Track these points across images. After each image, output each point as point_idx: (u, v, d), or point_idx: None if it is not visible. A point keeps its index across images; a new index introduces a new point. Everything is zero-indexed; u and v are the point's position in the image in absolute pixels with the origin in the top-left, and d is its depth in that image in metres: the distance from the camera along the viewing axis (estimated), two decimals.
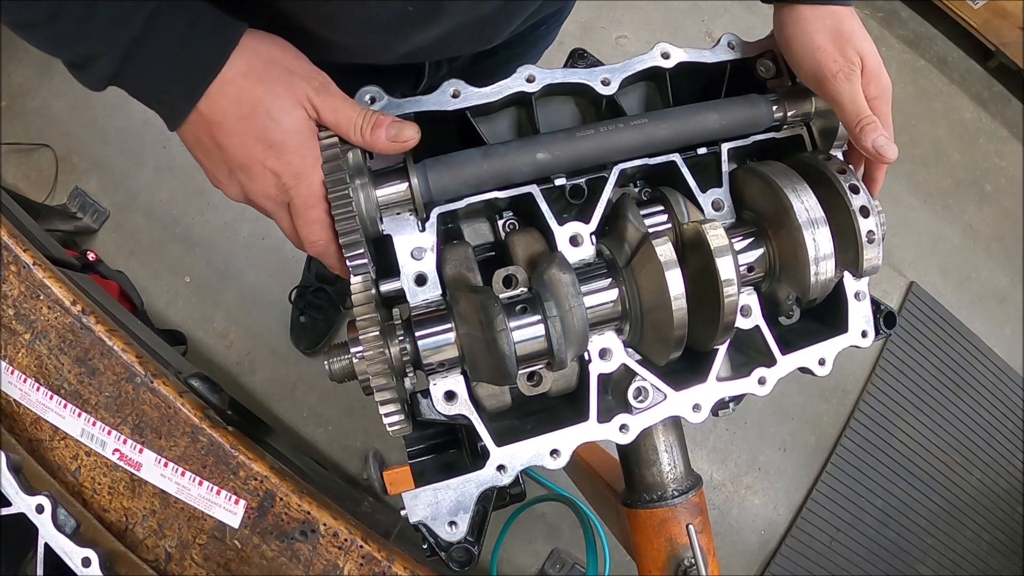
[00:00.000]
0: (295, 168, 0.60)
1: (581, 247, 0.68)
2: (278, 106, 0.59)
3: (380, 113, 0.62)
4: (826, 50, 0.69)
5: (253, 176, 0.61)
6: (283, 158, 0.59)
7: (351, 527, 0.84)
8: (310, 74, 0.62)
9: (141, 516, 0.85)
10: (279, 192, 0.61)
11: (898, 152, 0.67)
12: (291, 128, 0.59)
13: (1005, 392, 2.61)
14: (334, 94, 0.62)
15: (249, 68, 0.58)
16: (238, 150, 0.60)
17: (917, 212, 2.72)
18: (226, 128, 0.59)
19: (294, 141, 0.59)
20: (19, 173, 2.28)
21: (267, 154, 0.59)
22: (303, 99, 0.60)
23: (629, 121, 0.70)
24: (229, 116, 0.58)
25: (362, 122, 0.61)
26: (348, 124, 0.61)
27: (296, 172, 0.60)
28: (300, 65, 0.62)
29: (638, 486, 0.77)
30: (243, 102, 0.58)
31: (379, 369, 0.59)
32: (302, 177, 0.60)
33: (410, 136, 0.62)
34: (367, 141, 0.61)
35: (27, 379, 0.87)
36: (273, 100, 0.59)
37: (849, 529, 2.38)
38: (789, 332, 0.76)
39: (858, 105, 0.67)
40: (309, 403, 2.17)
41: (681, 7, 2.72)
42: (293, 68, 0.61)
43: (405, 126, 0.62)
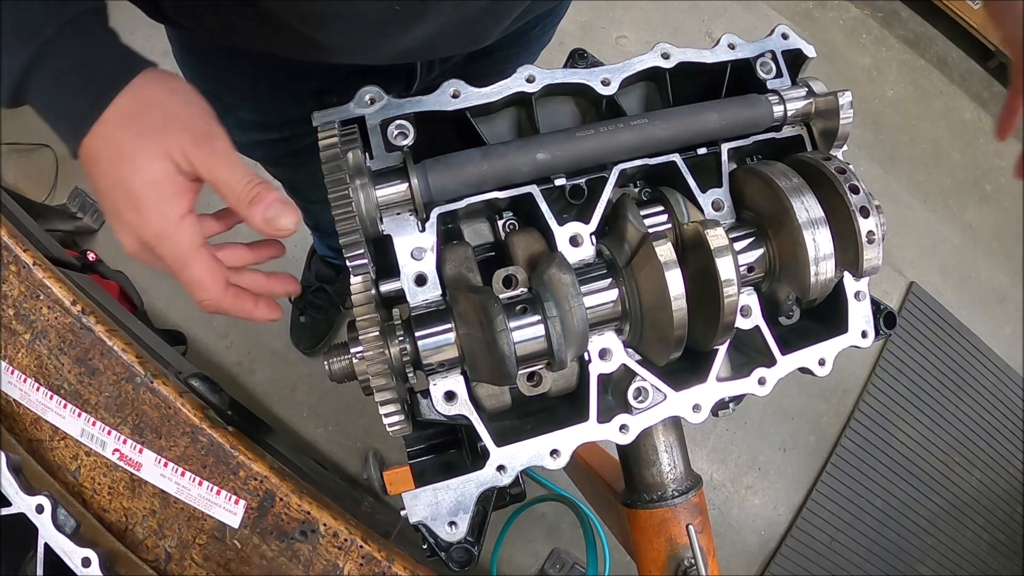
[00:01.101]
0: (154, 227, 0.55)
1: (581, 247, 0.68)
2: (140, 154, 0.54)
3: (265, 185, 0.56)
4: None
5: (120, 227, 0.57)
6: (142, 214, 0.55)
7: (351, 527, 0.84)
8: (192, 121, 0.56)
9: (141, 516, 0.85)
10: (146, 249, 0.57)
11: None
12: (150, 180, 0.54)
13: (1005, 392, 2.61)
14: (216, 150, 0.56)
15: (127, 110, 0.54)
16: (107, 194, 0.56)
17: (917, 212, 2.72)
18: (100, 169, 0.55)
19: (152, 196, 0.54)
20: (19, 173, 2.28)
21: (128, 206, 0.55)
22: (173, 150, 0.54)
23: (629, 121, 0.70)
24: (102, 157, 0.55)
25: (241, 190, 0.55)
26: (225, 187, 0.56)
27: (156, 232, 0.55)
28: (184, 111, 0.56)
29: (638, 486, 0.77)
30: (111, 145, 0.54)
31: (379, 369, 0.59)
32: (163, 237, 0.55)
33: (287, 226, 0.56)
34: (243, 213, 0.56)
35: (27, 379, 0.87)
36: (136, 145, 0.54)
37: (849, 529, 2.39)
38: (789, 332, 0.76)
39: None
40: (309, 403, 2.17)
41: (681, 7, 2.72)
42: (174, 115, 0.56)
43: (284, 211, 0.55)
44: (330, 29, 0.68)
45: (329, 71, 0.78)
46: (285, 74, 0.87)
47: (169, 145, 0.54)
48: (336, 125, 0.64)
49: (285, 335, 2.18)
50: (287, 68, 0.80)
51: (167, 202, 0.55)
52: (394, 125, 0.67)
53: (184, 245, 0.56)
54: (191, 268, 0.57)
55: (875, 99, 2.77)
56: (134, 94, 0.55)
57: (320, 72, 0.79)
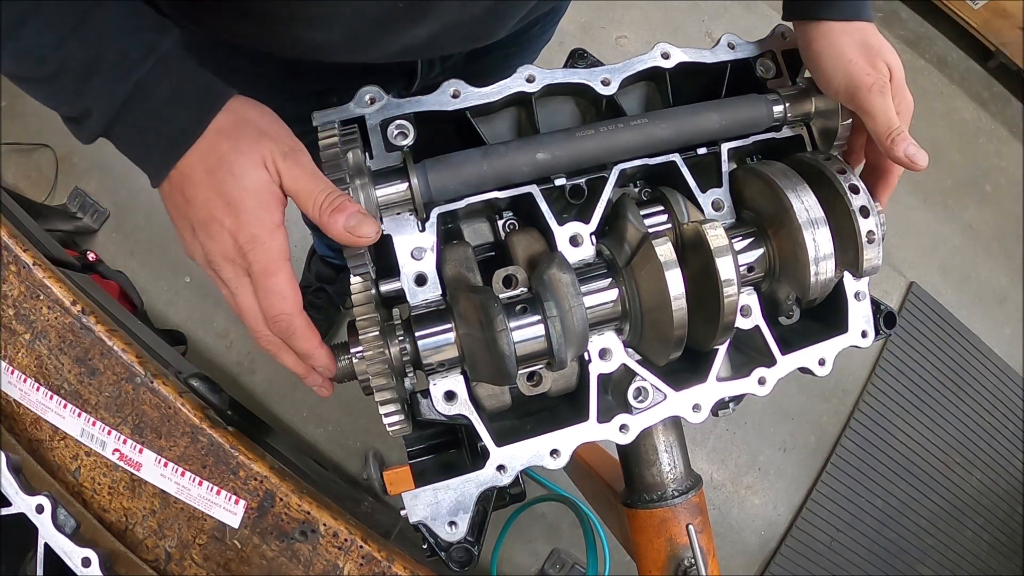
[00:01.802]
0: (251, 230, 0.57)
1: (581, 247, 0.68)
2: (240, 163, 0.57)
3: (347, 197, 0.59)
4: (858, 63, 0.70)
5: (212, 234, 0.58)
6: (240, 218, 0.57)
7: (351, 527, 0.84)
8: (281, 137, 0.60)
9: (141, 516, 0.85)
10: (236, 254, 0.58)
11: None
12: (251, 187, 0.57)
13: (1005, 392, 2.61)
14: (302, 163, 0.59)
15: (222, 125, 0.58)
16: (200, 205, 0.58)
17: (917, 212, 2.72)
18: (193, 181, 0.58)
19: (252, 201, 0.57)
20: (19, 173, 2.28)
21: (225, 212, 0.57)
22: (267, 159, 0.58)
23: (629, 121, 0.70)
24: (197, 170, 0.57)
25: (323, 200, 0.58)
26: (308, 197, 0.58)
27: (252, 235, 0.57)
28: (274, 128, 0.60)
29: (638, 486, 0.77)
30: (210, 156, 0.57)
31: (379, 369, 0.59)
32: (258, 241, 0.57)
33: (368, 233, 0.58)
34: (323, 222, 0.58)
35: (27, 379, 0.87)
36: (237, 156, 0.57)
37: (849, 529, 2.38)
38: (789, 332, 0.76)
39: (889, 117, 0.68)
40: (309, 403, 2.17)
41: (681, 7, 2.72)
42: (265, 129, 0.59)
43: (366, 221, 0.58)
44: (333, 28, 0.68)
45: (329, 69, 0.78)
46: (284, 72, 0.87)
47: (264, 155, 0.58)
48: (336, 125, 0.64)
49: None
50: (286, 67, 0.81)
51: (264, 208, 0.57)
52: (394, 125, 0.67)
53: (275, 252, 0.58)
54: (277, 276, 0.58)
55: None
56: (227, 112, 0.58)
57: (319, 70, 0.79)
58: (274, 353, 0.63)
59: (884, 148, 0.69)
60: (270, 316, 0.59)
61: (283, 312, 0.59)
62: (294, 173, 0.58)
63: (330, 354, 0.63)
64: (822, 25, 0.72)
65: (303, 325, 0.60)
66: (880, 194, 0.75)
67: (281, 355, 0.63)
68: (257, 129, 0.59)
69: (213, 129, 0.57)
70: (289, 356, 0.63)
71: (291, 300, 0.59)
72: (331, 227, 0.58)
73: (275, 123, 0.61)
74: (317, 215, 0.58)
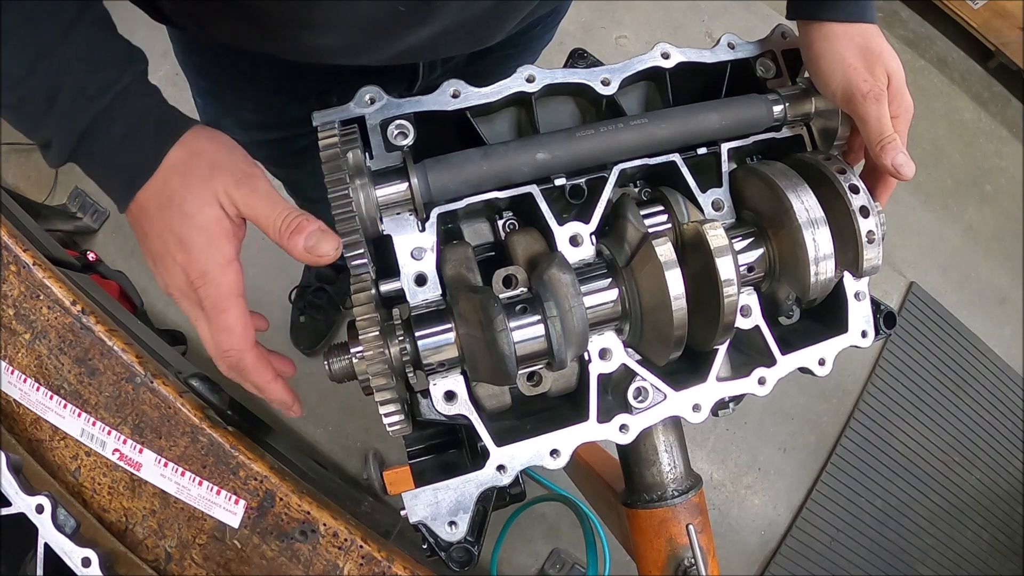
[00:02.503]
0: (200, 267, 0.58)
1: (581, 247, 0.68)
2: (190, 200, 0.58)
3: (305, 217, 0.59)
4: (856, 68, 0.69)
5: (167, 267, 0.60)
6: (191, 255, 0.58)
7: (351, 527, 0.84)
8: (235, 165, 0.60)
9: (141, 516, 0.85)
10: (189, 289, 0.60)
11: None
12: (201, 224, 0.58)
13: (1005, 392, 2.61)
14: (257, 189, 0.59)
15: (175, 161, 0.58)
16: (155, 238, 0.60)
17: (917, 212, 2.72)
18: (149, 216, 0.59)
19: (201, 239, 0.58)
20: (19, 173, 2.28)
21: (177, 248, 0.58)
22: (220, 194, 0.58)
23: (629, 121, 0.70)
24: (151, 205, 0.59)
25: (281, 223, 0.59)
26: (267, 221, 0.59)
27: (202, 271, 0.58)
28: (227, 158, 0.61)
29: (638, 486, 0.77)
30: (162, 193, 0.58)
31: (379, 369, 0.59)
32: (208, 277, 0.58)
33: (328, 251, 0.59)
34: (284, 245, 0.60)
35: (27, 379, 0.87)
36: (186, 194, 0.58)
37: (849, 529, 2.38)
38: (789, 332, 0.76)
39: (882, 125, 0.68)
40: (309, 403, 2.17)
41: (681, 7, 2.71)
42: (217, 161, 0.60)
43: (324, 239, 0.59)
44: (335, 32, 0.69)
45: (330, 71, 0.78)
46: (286, 73, 0.87)
47: (215, 189, 0.58)
48: (336, 125, 0.64)
49: (285, 335, 2.18)
50: (288, 68, 0.81)
51: (214, 245, 0.58)
52: (394, 125, 0.67)
53: (225, 288, 0.59)
54: (227, 313, 0.59)
55: None
56: (182, 147, 0.59)
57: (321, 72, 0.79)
58: (237, 380, 0.64)
59: (874, 155, 0.69)
60: (221, 352, 0.61)
61: (232, 348, 0.60)
62: (250, 201, 0.59)
63: (284, 388, 0.65)
64: (824, 26, 0.72)
65: (253, 360, 0.61)
66: (880, 194, 0.75)
67: (243, 382, 0.64)
68: (209, 163, 0.59)
69: (166, 166, 0.58)
70: (247, 385, 0.65)
71: (239, 337, 0.60)
72: (292, 250, 0.59)
73: (229, 152, 0.61)
74: (278, 239, 0.60)
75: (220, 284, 0.59)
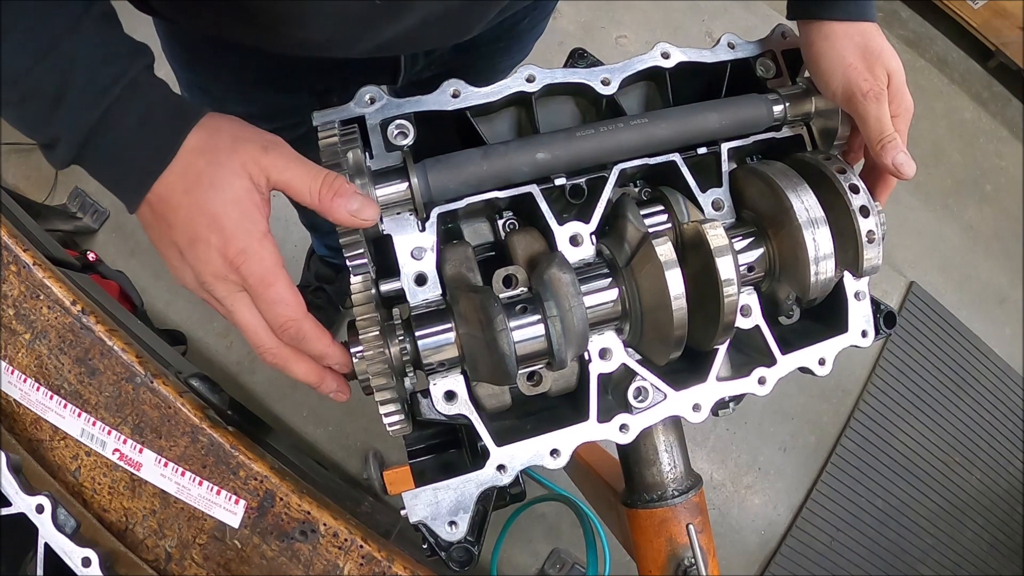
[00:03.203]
0: (239, 243, 0.55)
1: (581, 247, 0.68)
2: (219, 175, 0.56)
3: (344, 179, 0.58)
4: (856, 68, 0.70)
5: (199, 255, 0.57)
6: (226, 232, 0.55)
7: (351, 527, 0.84)
8: (257, 135, 0.59)
9: (141, 516, 0.85)
10: (229, 270, 0.56)
11: None
12: (231, 198, 0.55)
13: (1005, 392, 2.61)
14: (285, 154, 0.58)
15: (196, 143, 0.57)
16: (183, 226, 0.56)
17: (917, 212, 2.72)
18: (173, 204, 0.56)
19: (234, 212, 0.56)
20: (19, 173, 2.28)
21: (210, 229, 0.56)
22: (248, 163, 0.56)
23: (629, 121, 0.70)
24: (176, 191, 0.56)
25: (320, 185, 0.57)
26: (302, 184, 0.57)
27: (241, 248, 0.56)
28: (247, 130, 0.59)
29: (638, 486, 0.77)
30: (188, 175, 0.56)
31: (379, 369, 0.59)
32: (249, 253, 0.56)
33: (372, 216, 0.58)
34: (324, 207, 0.57)
35: (27, 379, 0.87)
36: (215, 169, 0.56)
37: (849, 529, 2.39)
38: (789, 332, 0.76)
39: (883, 124, 0.68)
40: (309, 403, 2.17)
41: (681, 7, 2.72)
42: (238, 134, 0.58)
43: (368, 204, 0.58)
44: (312, 26, 0.68)
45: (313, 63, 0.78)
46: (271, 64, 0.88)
47: (243, 159, 0.56)
48: (336, 125, 0.64)
49: None
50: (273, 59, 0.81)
51: (249, 218, 0.56)
52: (394, 125, 0.67)
53: (269, 260, 0.56)
54: (276, 284, 0.56)
55: None
56: (200, 129, 0.57)
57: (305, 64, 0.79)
58: (282, 366, 0.61)
59: (874, 154, 0.69)
60: (277, 325, 0.58)
61: (290, 319, 0.57)
62: (280, 164, 0.57)
63: (344, 350, 0.62)
64: (824, 25, 0.72)
65: (312, 327, 0.59)
66: (880, 194, 0.75)
67: (290, 366, 0.61)
68: (231, 136, 0.57)
69: (187, 148, 0.56)
70: (299, 365, 0.62)
71: (295, 305, 0.57)
72: (334, 211, 0.57)
73: (246, 126, 0.60)
74: (317, 201, 0.57)
75: (263, 257, 0.56)
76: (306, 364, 0.62)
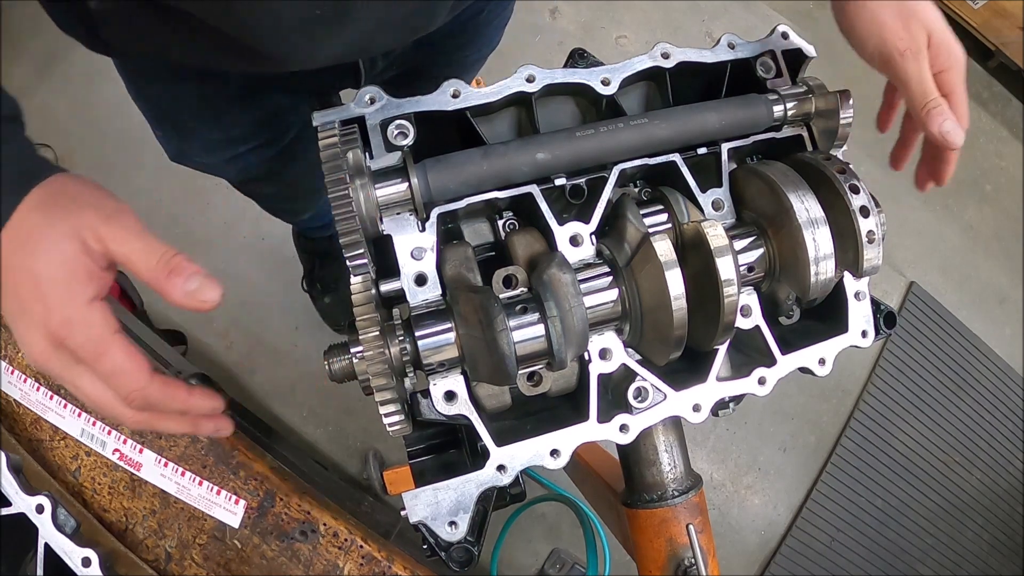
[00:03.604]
0: (63, 313, 0.51)
1: (581, 247, 0.68)
2: (49, 235, 0.51)
3: (184, 256, 0.53)
4: (891, 27, 0.65)
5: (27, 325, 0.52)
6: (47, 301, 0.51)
7: (351, 527, 0.84)
8: (102, 202, 0.54)
9: (141, 516, 0.85)
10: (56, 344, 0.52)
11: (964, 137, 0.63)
12: (58, 259, 0.51)
13: (1005, 392, 2.61)
14: (126, 225, 0.53)
15: (37, 201, 0.53)
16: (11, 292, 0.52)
17: (917, 212, 2.72)
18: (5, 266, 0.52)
19: (59, 276, 0.51)
20: None
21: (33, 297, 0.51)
22: (83, 228, 0.52)
23: (629, 121, 0.70)
24: (8, 251, 0.52)
25: (156, 262, 0.52)
26: (139, 259, 0.53)
27: (65, 317, 0.51)
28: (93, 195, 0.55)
29: (638, 486, 0.77)
30: (20, 232, 0.52)
31: (379, 369, 0.59)
32: (74, 322, 0.51)
33: (212, 298, 0.53)
34: (161, 287, 0.53)
35: (27, 379, 0.87)
36: (46, 229, 0.51)
37: (849, 529, 2.39)
38: (789, 332, 0.76)
39: (925, 87, 0.64)
40: (309, 403, 2.17)
41: (681, 7, 2.72)
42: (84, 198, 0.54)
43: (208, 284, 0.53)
44: (252, 33, 0.65)
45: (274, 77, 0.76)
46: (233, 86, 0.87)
47: (79, 224, 0.52)
48: (336, 125, 0.64)
49: (285, 335, 2.18)
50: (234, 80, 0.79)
51: (75, 283, 0.52)
52: (394, 125, 0.67)
53: (98, 329, 0.52)
54: (109, 354, 0.52)
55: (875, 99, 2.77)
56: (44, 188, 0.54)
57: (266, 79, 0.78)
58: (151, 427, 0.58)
59: (919, 121, 0.64)
60: (122, 397, 0.54)
61: (133, 389, 0.53)
62: (119, 236, 0.53)
63: (207, 394, 0.59)
64: None
65: (160, 389, 0.55)
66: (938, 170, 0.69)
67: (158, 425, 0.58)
68: (74, 198, 0.54)
69: (27, 205, 0.52)
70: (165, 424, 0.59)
71: (134, 372, 0.53)
72: (170, 291, 0.53)
73: (95, 190, 0.56)
74: (152, 279, 0.53)
75: (90, 325, 0.51)
76: (172, 420, 0.59)
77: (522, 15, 2.54)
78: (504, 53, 1.14)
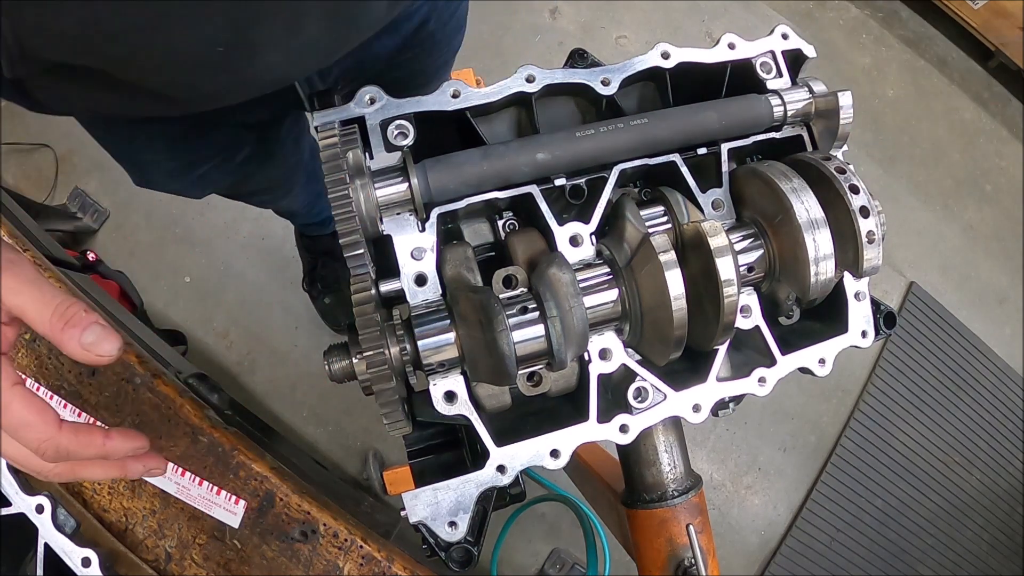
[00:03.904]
0: None
1: (581, 247, 0.68)
2: None
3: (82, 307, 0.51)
4: None
5: None
6: None
7: (351, 527, 0.84)
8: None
9: (141, 516, 0.85)
10: None
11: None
12: None
13: (1005, 392, 2.61)
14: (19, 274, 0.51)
15: None
16: None
17: (917, 212, 2.72)
18: None
19: None
20: (19, 173, 2.28)
21: None
22: None
23: (629, 121, 0.70)
24: None
25: (52, 313, 0.50)
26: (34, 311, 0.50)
27: None
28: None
29: (638, 486, 0.77)
30: None
31: (379, 370, 0.59)
32: None
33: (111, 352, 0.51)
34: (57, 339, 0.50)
35: (27, 379, 0.87)
36: None
37: (849, 529, 2.39)
38: (789, 332, 0.76)
39: None
40: (309, 403, 2.18)
41: (681, 7, 2.72)
42: None
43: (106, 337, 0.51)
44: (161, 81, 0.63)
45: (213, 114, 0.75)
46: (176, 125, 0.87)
47: None
48: (336, 125, 0.64)
49: (286, 335, 2.19)
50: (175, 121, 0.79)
51: None
52: (394, 125, 0.67)
53: None
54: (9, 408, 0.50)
55: (875, 99, 2.77)
56: None
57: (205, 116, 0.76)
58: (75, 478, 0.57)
59: None
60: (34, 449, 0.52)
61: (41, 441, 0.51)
62: (13, 287, 0.50)
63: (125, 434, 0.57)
64: None
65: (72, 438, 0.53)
66: None
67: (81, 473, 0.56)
68: None
69: None
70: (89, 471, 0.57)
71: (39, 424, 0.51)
72: (65, 343, 0.50)
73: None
74: (48, 331, 0.51)
75: None
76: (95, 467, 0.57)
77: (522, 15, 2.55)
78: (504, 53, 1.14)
